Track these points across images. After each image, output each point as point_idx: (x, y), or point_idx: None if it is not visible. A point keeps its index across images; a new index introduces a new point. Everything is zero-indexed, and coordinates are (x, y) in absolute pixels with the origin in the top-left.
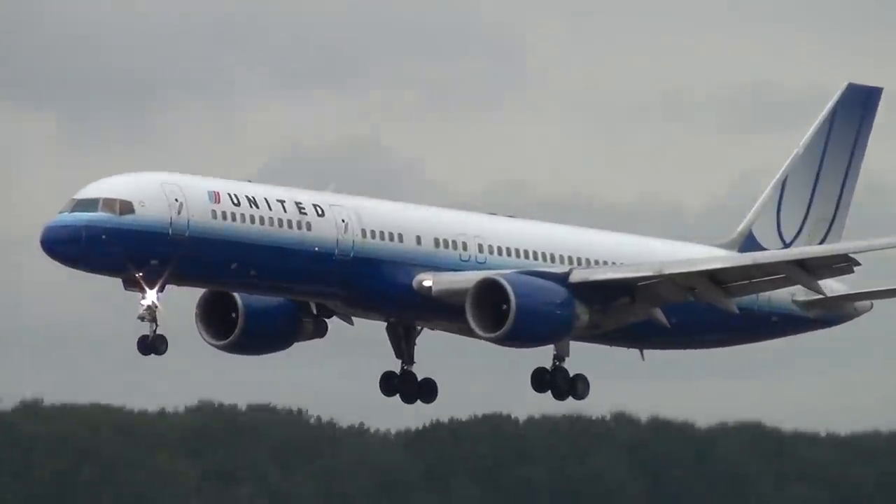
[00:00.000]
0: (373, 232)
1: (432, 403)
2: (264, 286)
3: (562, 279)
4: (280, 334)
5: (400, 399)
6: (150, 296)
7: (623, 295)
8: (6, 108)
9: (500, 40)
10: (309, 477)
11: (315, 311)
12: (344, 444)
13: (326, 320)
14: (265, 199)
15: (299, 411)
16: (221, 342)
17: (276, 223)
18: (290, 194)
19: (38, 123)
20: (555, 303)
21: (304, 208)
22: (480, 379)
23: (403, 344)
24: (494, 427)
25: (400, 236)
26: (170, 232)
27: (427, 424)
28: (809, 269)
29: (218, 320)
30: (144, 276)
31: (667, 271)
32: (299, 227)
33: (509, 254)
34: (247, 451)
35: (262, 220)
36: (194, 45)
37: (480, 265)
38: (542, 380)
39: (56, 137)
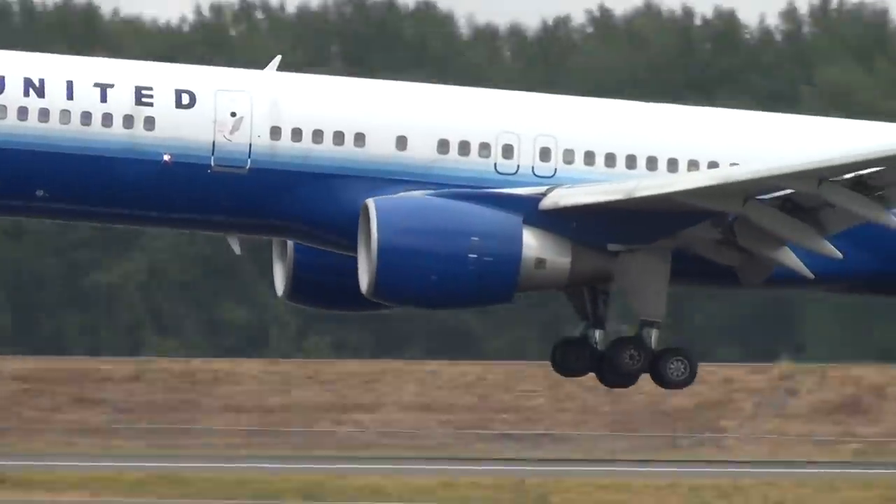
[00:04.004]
0: (297, 131)
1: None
2: (78, 214)
3: (528, 204)
4: None
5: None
6: None
7: (692, 223)
8: None
9: None
10: None
11: None
12: None
13: None
14: (68, 82)
15: None
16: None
17: (76, 119)
18: (133, 77)
19: None
20: (469, 242)
21: (148, 96)
22: None
23: (587, 299)
24: None
25: (358, 137)
26: None
27: None
28: None
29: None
30: None
31: (640, 193)
32: (128, 126)
33: (612, 163)
34: None
35: (44, 114)
36: None
37: (542, 181)
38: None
39: None
